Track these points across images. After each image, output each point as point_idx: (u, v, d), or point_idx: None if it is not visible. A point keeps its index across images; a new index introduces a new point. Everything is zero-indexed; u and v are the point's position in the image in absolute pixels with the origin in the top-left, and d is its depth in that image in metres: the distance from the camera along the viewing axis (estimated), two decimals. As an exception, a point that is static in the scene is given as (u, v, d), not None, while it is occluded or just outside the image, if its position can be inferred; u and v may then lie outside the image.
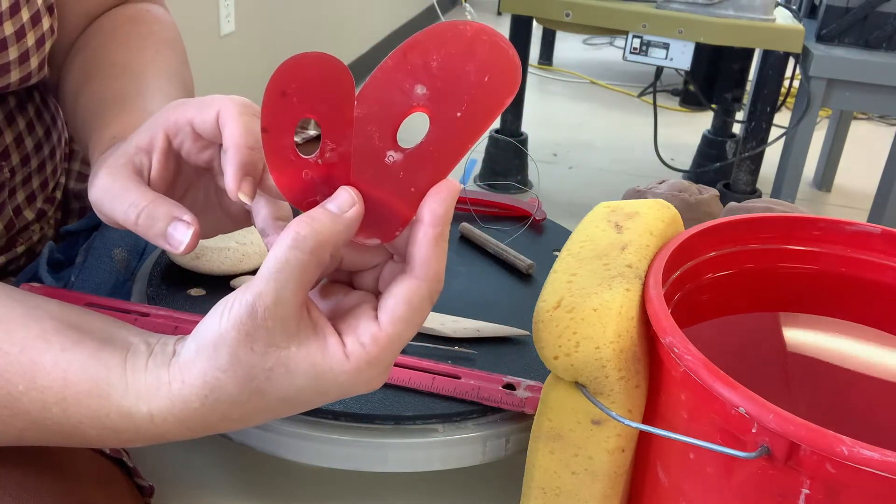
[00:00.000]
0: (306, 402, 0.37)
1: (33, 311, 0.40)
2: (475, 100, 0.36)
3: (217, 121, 0.43)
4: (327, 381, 0.36)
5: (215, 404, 0.36)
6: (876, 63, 1.76)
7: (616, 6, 1.91)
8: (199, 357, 0.36)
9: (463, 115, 0.36)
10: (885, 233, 0.50)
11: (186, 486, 0.57)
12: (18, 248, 0.69)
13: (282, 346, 0.35)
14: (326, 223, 0.36)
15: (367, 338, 0.36)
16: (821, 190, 2.55)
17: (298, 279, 0.35)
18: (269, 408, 0.37)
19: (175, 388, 0.37)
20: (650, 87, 2.14)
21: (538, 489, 0.47)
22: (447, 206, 0.36)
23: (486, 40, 0.35)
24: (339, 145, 0.37)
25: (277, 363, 0.35)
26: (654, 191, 0.78)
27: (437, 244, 0.36)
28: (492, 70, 0.35)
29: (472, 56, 0.35)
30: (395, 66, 0.36)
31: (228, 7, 2.17)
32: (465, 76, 0.35)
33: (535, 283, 0.67)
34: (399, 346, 0.37)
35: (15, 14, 0.56)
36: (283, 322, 0.35)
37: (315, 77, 0.37)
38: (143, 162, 0.44)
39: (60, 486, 0.44)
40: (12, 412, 0.38)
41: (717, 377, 0.36)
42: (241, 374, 0.35)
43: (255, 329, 0.35)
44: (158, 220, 0.41)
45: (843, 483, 0.34)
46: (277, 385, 0.36)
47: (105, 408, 0.37)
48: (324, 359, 0.36)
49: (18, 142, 0.65)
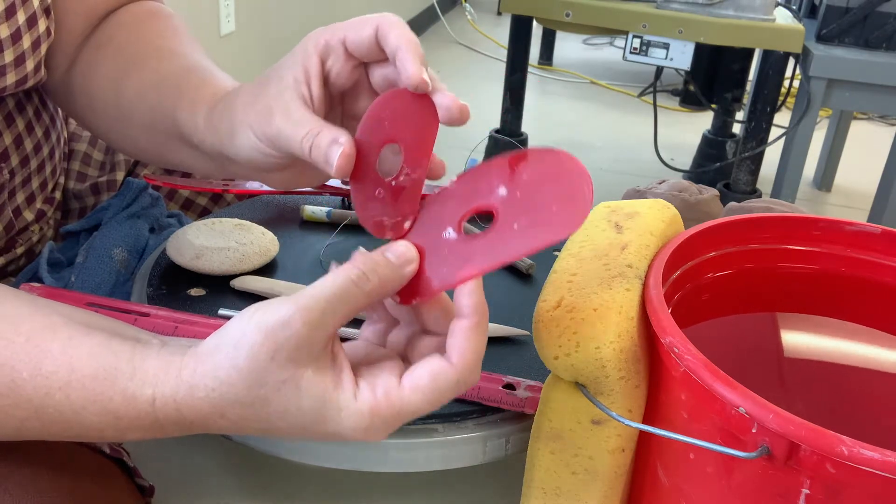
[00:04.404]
0: (303, 427, 0.38)
1: (41, 308, 0.41)
2: (538, 220, 0.37)
3: (375, 35, 0.44)
4: (330, 411, 0.37)
5: (219, 400, 0.37)
6: (876, 63, 1.76)
7: (616, 6, 1.91)
8: (218, 351, 0.37)
9: (520, 227, 0.38)
10: (885, 233, 0.50)
11: (186, 486, 0.57)
12: (18, 249, 0.69)
13: (301, 364, 0.36)
14: (387, 271, 0.38)
15: (382, 390, 0.37)
16: (821, 190, 2.55)
17: (345, 312, 0.37)
18: (268, 419, 0.38)
19: (185, 374, 0.38)
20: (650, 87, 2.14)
21: (538, 489, 0.47)
22: (478, 297, 0.38)
23: (576, 176, 0.37)
24: (413, 171, 0.40)
25: (291, 378, 0.36)
26: (654, 191, 0.78)
27: (474, 334, 0.38)
28: (565, 202, 0.37)
29: (557, 182, 0.37)
30: (496, 164, 0.39)
31: (228, 7, 2.17)
32: (541, 195, 0.37)
33: (535, 283, 0.67)
34: (407, 416, 0.38)
35: (11, 17, 0.56)
36: (312, 344, 0.36)
37: (407, 108, 0.41)
38: (305, 92, 0.46)
39: (60, 485, 0.44)
40: (14, 401, 0.39)
41: (717, 377, 0.36)
42: (253, 378, 0.36)
43: (285, 340, 0.36)
44: (321, 147, 0.43)
45: (843, 483, 0.34)
46: (284, 399, 0.37)
47: (109, 391, 0.38)
48: (334, 390, 0.37)
49: (17, 143, 0.65)
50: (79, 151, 0.79)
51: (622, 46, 1.99)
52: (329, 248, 0.69)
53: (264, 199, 0.77)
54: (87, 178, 0.79)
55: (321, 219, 0.73)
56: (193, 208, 0.84)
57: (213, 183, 0.80)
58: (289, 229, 0.72)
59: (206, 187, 0.78)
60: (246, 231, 0.66)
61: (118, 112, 0.60)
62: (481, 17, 4.09)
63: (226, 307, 0.59)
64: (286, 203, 0.77)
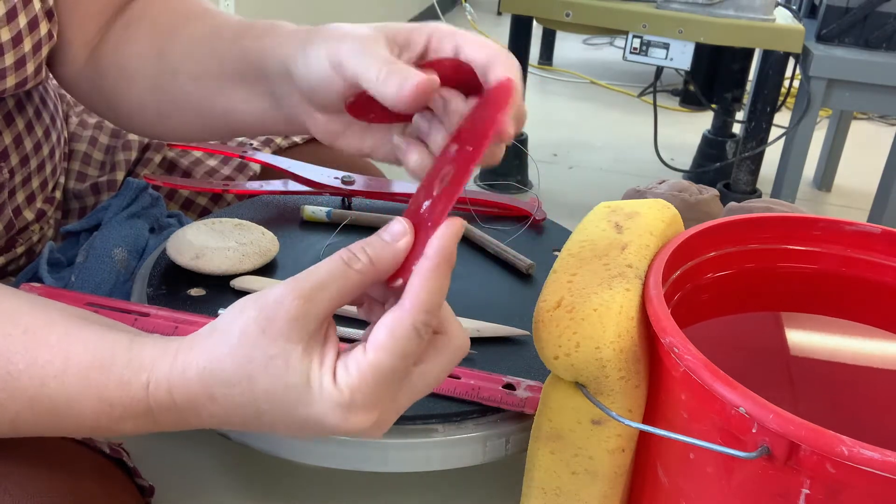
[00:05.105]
0: (287, 412, 0.37)
1: (40, 305, 0.42)
2: (473, 136, 0.39)
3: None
4: (314, 393, 0.37)
5: (209, 379, 0.37)
6: (876, 63, 1.76)
7: (616, 6, 1.91)
8: (214, 332, 0.38)
9: (457, 150, 0.40)
10: (885, 233, 0.50)
11: (186, 486, 0.57)
12: (18, 249, 0.69)
13: (292, 340, 0.36)
14: (378, 247, 0.38)
15: (353, 364, 0.37)
16: (821, 190, 2.55)
17: (337, 289, 0.37)
18: (255, 402, 0.37)
19: (180, 357, 0.38)
20: (650, 87, 2.14)
21: (538, 489, 0.47)
22: (446, 240, 0.37)
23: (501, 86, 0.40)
24: (473, 147, 0.40)
25: (280, 354, 0.36)
26: (654, 191, 0.78)
27: (430, 276, 0.37)
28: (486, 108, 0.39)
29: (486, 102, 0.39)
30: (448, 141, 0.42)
31: (228, 7, 2.17)
32: (475, 119, 0.40)
33: (535, 283, 0.67)
34: (383, 378, 0.37)
35: (12, 20, 0.56)
36: (304, 319, 0.36)
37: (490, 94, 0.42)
38: (387, 42, 0.45)
39: (60, 485, 0.44)
40: (9, 394, 0.39)
41: (717, 377, 0.36)
42: (242, 354, 0.37)
43: (276, 314, 0.36)
44: (396, 75, 0.42)
45: (843, 483, 0.34)
46: (271, 376, 0.37)
47: (104, 379, 0.38)
48: (319, 371, 0.37)
49: (17, 142, 0.65)
50: (79, 151, 0.79)
51: (622, 46, 1.99)
52: (329, 248, 0.69)
53: (264, 199, 0.77)
54: (88, 177, 0.79)
55: (321, 219, 0.73)
56: (193, 208, 0.84)
57: (213, 183, 0.80)
58: (289, 229, 0.72)
59: (206, 187, 0.78)
60: (246, 231, 0.66)
61: (161, 73, 0.58)
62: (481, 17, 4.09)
63: (226, 307, 0.59)
64: (286, 203, 0.77)
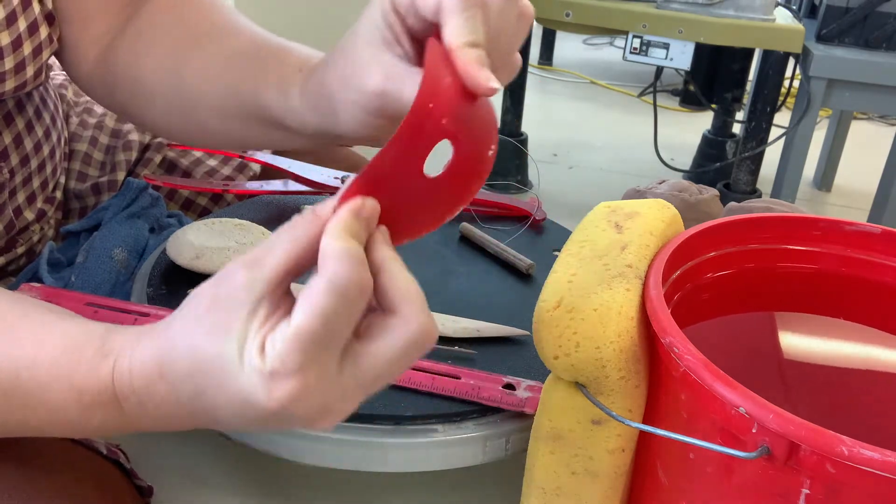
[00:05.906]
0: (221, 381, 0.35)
1: (17, 299, 0.42)
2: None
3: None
4: (244, 363, 0.34)
5: (162, 357, 0.36)
6: (876, 63, 1.76)
7: (616, 6, 1.91)
8: (172, 316, 0.37)
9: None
10: (885, 233, 0.50)
11: (186, 486, 0.57)
12: (18, 249, 0.69)
13: (236, 303, 0.35)
14: (323, 203, 0.36)
15: (279, 335, 0.34)
16: (821, 190, 2.55)
17: (284, 251, 0.35)
18: (195, 371, 0.35)
19: (143, 340, 0.38)
20: (650, 87, 2.14)
21: (538, 489, 0.47)
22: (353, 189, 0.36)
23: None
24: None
25: (224, 320, 0.35)
26: (654, 191, 0.78)
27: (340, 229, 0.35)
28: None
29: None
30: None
31: (228, 7, 2.17)
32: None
33: (535, 283, 0.67)
34: (303, 343, 0.33)
35: (12, 24, 0.56)
36: (251, 284, 0.34)
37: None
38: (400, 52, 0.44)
39: (57, 487, 0.44)
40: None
41: (717, 377, 0.36)
42: (190, 320, 0.36)
43: (225, 282, 0.35)
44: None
45: (843, 483, 0.34)
46: (211, 343, 0.35)
47: (76, 365, 0.38)
48: (253, 340, 0.34)
49: (17, 142, 0.65)
50: (79, 151, 0.79)
51: (622, 46, 1.99)
52: (329, 248, 0.69)
53: (264, 199, 0.77)
54: (88, 177, 0.79)
55: (321, 219, 0.73)
56: (193, 208, 0.84)
57: (213, 183, 0.80)
58: (289, 229, 0.72)
59: (206, 187, 0.78)
60: (246, 231, 0.66)
61: (180, 99, 0.57)
62: (481, 17, 4.08)
63: (226, 307, 0.59)
64: (286, 203, 0.77)
